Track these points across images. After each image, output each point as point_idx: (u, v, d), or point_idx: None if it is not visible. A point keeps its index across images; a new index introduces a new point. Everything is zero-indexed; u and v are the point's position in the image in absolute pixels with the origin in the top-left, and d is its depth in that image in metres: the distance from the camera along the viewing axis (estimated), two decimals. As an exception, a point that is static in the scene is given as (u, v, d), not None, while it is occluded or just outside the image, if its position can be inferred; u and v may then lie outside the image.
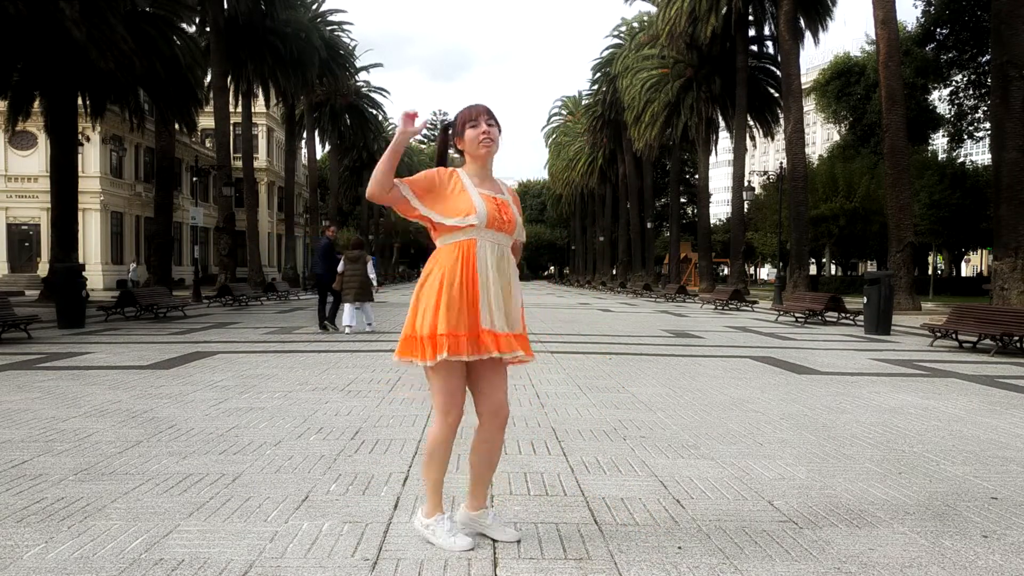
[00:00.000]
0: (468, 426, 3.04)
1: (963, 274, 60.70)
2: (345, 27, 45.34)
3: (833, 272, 50.50)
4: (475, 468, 2.92)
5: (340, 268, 12.92)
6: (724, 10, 31.26)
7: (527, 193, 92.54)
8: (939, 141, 46.62)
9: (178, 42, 22.72)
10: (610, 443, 4.68)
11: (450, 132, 2.88)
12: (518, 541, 2.91)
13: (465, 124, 2.80)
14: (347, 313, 12.89)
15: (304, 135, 46.34)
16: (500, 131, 2.84)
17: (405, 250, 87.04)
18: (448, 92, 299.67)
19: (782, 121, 31.25)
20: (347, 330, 12.79)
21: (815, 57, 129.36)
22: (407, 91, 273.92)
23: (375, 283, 13.27)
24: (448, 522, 2.88)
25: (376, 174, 2.62)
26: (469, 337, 2.69)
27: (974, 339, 11.47)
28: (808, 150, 32.99)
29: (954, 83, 36.75)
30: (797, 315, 17.33)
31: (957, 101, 36.69)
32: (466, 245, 2.72)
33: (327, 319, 13.33)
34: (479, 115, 2.80)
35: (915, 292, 21.35)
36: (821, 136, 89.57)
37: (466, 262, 2.71)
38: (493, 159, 2.86)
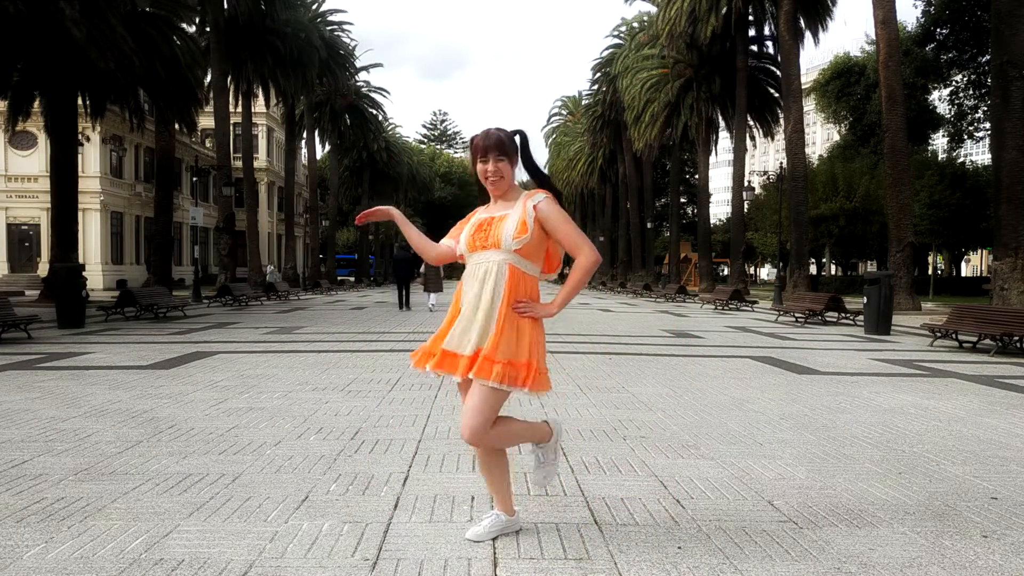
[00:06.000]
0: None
1: (963, 274, 60.68)
2: (345, 27, 45.35)
3: (833, 272, 50.51)
4: None
5: (421, 269, 19.59)
6: (724, 10, 31.24)
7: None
8: (939, 141, 46.62)
9: (178, 42, 22.72)
10: (610, 443, 4.68)
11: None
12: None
13: (476, 157, 2.79)
14: (429, 298, 19.63)
15: (304, 135, 46.33)
16: (516, 155, 2.79)
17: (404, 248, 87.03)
18: (444, 91, 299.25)
19: (782, 121, 31.22)
20: (432, 308, 19.06)
21: (815, 57, 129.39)
22: (402, 90, 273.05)
23: (441, 277, 20.31)
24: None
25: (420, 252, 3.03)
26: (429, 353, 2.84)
27: (974, 339, 11.47)
28: (808, 150, 32.98)
29: (954, 83, 36.75)
30: (797, 315, 17.32)
31: (957, 101, 36.69)
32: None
33: (405, 304, 20.13)
34: (488, 151, 2.75)
35: (915, 292, 21.35)
36: (821, 136, 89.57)
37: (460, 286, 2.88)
38: (508, 184, 2.81)
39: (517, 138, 2.84)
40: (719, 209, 78.69)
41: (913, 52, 34.83)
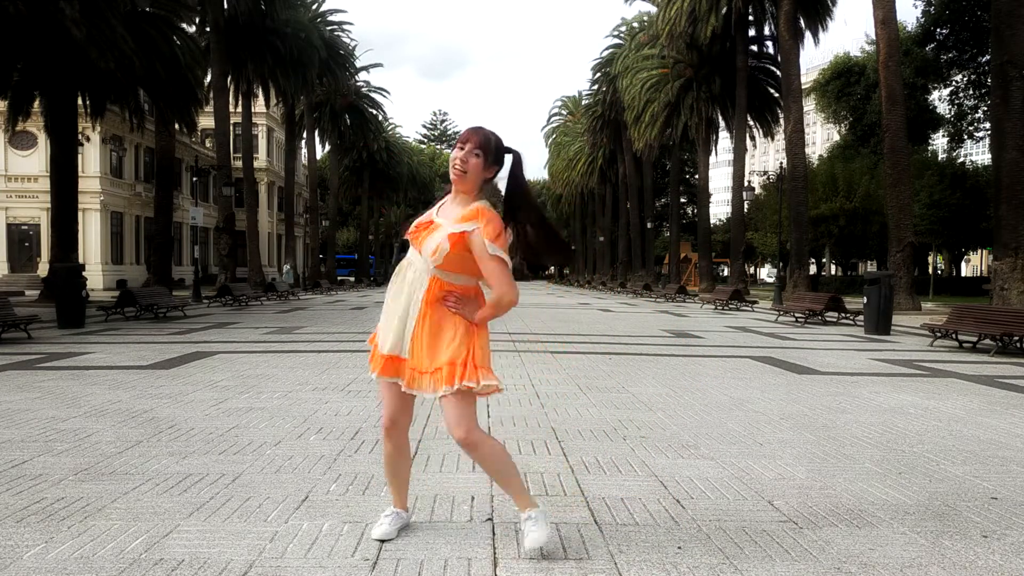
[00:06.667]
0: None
1: (963, 274, 60.67)
2: (345, 27, 45.39)
3: (833, 272, 50.49)
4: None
5: None
6: (724, 10, 31.26)
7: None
8: (939, 141, 46.63)
9: (178, 42, 22.73)
10: (610, 443, 4.68)
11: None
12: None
13: (456, 145, 2.74)
14: None
15: (304, 135, 46.34)
16: (495, 162, 2.73)
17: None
18: (444, 91, 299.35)
19: (782, 121, 31.24)
20: None
21: (815, 57, 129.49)
22: (402, 90, 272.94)
23: None
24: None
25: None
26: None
27: (974, 339, 11.47)
28: (808, 150, 32.98)
29: (954, 83, 36.77)
30: (797, 315, 17.32)
31: (957, 101, 36.70)
32: None
33: None
34: (467, 140, 2.70)
35: (915, 292, 21.35)
36: (821, 136, 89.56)
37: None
38: (471, 185, 2.72)
39: (509, 156, 2.76)
40: (719, 209, 78.68)
41: (913, 52, 34.84)
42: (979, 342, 11.32)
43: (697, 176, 46.89)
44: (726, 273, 56.88)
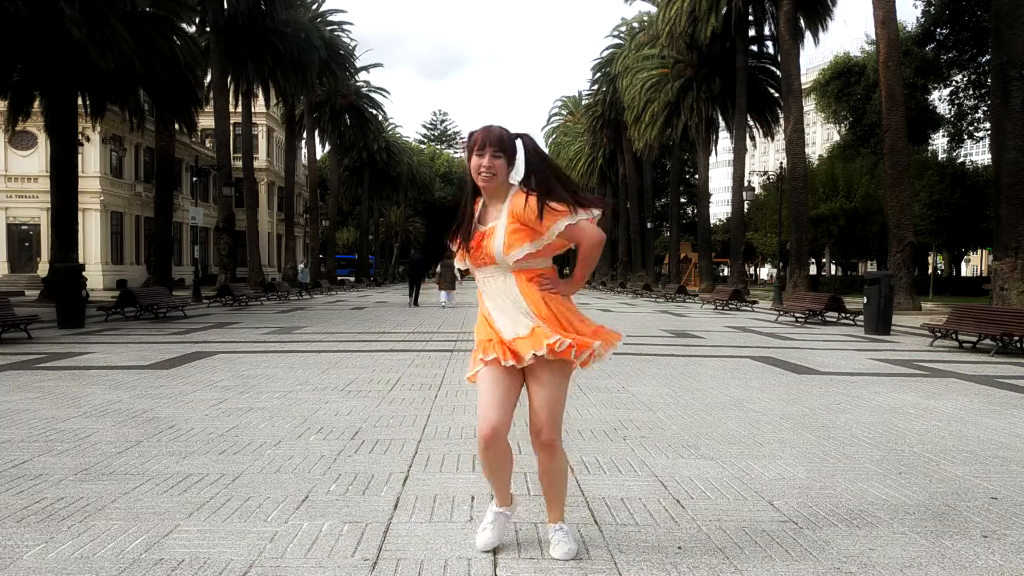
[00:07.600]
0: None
1: (963, 274, 60.69)
2: (345, 27, 45.42)
3: (833, 272, 50.51)
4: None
5: (437, 269, 21.51)
6: (724, 10, 31.27)
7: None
8: (939, 141, 46.64)
9: (178, 42, 22.75)
10: (610, 443, 4.68)
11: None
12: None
13: (472, 150, 2.64)
14: (443, 296, 21.52)
15: (304, 135, 46.34)
16: (514, 157, 2.64)
17: (405, 249, 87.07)
18: (443, 91, 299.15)
19: (782, 121, 31.25)
20: (444, 306, 20.85)
21: (815, 57, 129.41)
22: (401, 90, 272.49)
23: (459, 279, 22.32)
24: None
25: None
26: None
27: (974, 339, 11.46)
28: (808, 150, 33.00)
29: (954, 83, 36.77)
30: (797, 315, 17.32)
31: (957, 101, 36.70)
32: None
33: (415, 302, 21.98)
34: (487, 145, 2.60)
35: (915, 292, 21.35)
36: (821, 136, 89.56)
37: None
38: (500, 185, 2.65)
39: (519, 141, 2.69)
40: (719, 209, 78.69)
41: (913, 52, 34.84)
42: (979, 342, 11.31)
43: (697, 176, 46.91)
44: (726, 273, 56.88)
